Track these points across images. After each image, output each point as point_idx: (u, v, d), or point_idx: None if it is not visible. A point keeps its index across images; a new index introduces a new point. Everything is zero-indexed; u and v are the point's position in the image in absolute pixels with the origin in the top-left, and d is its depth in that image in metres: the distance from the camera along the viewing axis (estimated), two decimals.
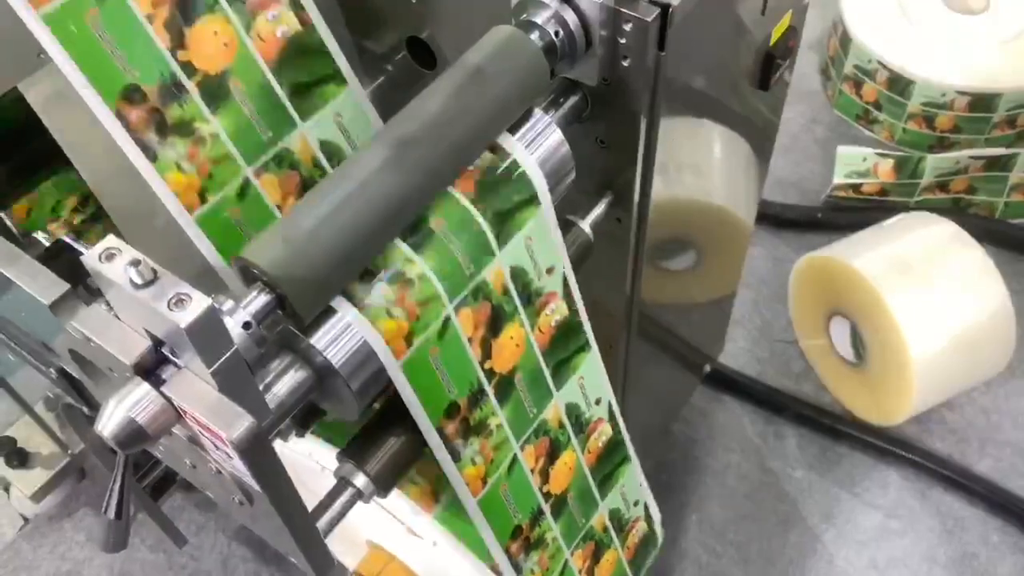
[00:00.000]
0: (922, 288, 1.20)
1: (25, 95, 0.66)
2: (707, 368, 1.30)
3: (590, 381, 0.67)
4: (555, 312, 0.61)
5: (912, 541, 1.23)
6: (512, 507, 0.63)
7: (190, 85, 0.54)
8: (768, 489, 1.29)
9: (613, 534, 0.77)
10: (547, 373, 0.62)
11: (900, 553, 1.22)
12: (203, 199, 0.55)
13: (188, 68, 0.53)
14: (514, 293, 0.57)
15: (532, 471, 0.64)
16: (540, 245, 0.57)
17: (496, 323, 0.56)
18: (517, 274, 0.57)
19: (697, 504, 1.28)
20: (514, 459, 0.62)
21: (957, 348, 1.20)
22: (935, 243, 1.26)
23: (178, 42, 0.53)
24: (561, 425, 0.65)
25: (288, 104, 0.58)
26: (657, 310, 0.87)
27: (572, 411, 0.66)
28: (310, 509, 0.52)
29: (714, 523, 1.26)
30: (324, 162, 0.60)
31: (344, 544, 0.78)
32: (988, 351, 1.24)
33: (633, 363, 0.86)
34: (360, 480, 0.56)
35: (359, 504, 0.56)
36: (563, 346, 0.63)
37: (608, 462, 0.73)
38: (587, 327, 0.65)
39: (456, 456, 0.57)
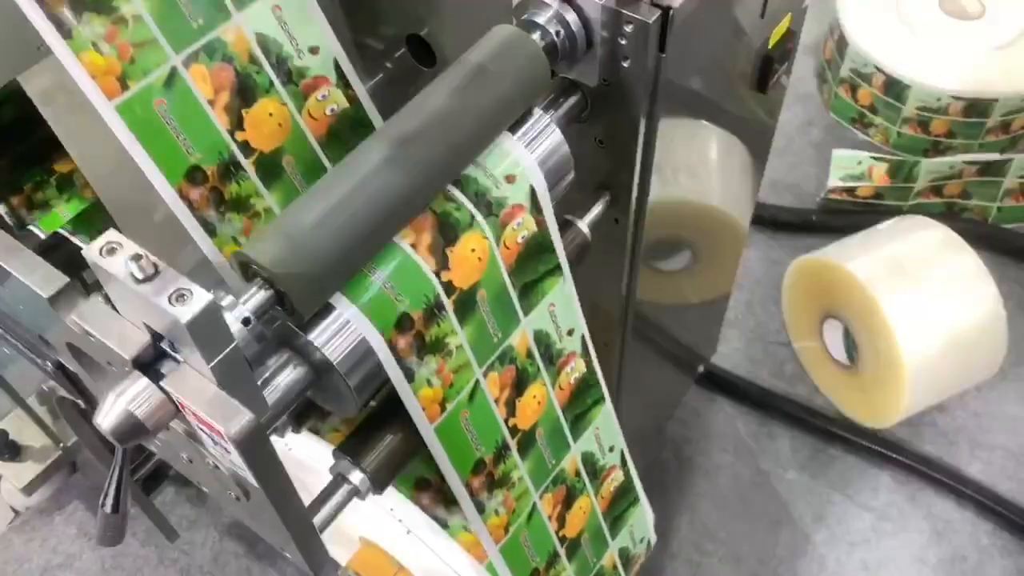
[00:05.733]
0: (915, 291, 1.21)
1: (24, 87, 0.66)
2: (701, 368, 1.31)
3: (605, 431, 0.70)
4: (574, 371, 0.64)
5: (903, 543, 1.23)
6: (531, 552, 0.66)
7: (247, 164, 0.56)
8: (760, 490, 1.29)
9: (621, 571, 0.80)
10: (566, 427, 0.65)
11: (891, 554, 1.23)
12: None
13: (245, 147, 0.56)
14: (537, 356, 0.60)
15: (550, 517, 0.67)
16: (562, 310, 0.60)
17: (520, 384, 0.59)
18: (540, 338, 0.59)
19: (689, 504, 1.28)
20: (533, 508, 0.65)
21: (949, 352, 1.21)
22: (929, 247, 1.27)
23: (236, 124, 0.55)
24: (577, 474, 0.68)
25: None
26: (652, 310, 0.87)
27: (588, 460, 0.69)
28: (306, 505, 0.52)
29: (706, 523, 1.26)
30: None
31: (337, 540, 0.78)
32: (980, 355, 1.25)
33: (628, 363, 0.86)
34: (356, 477, 0.56)
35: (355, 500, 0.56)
36: (581, 401, 0.66)
37: (619, 506, 0.76)
38: (602, 381, 0.67)
39: (481, 508, 0.60)
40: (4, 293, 0.49)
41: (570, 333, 0.62)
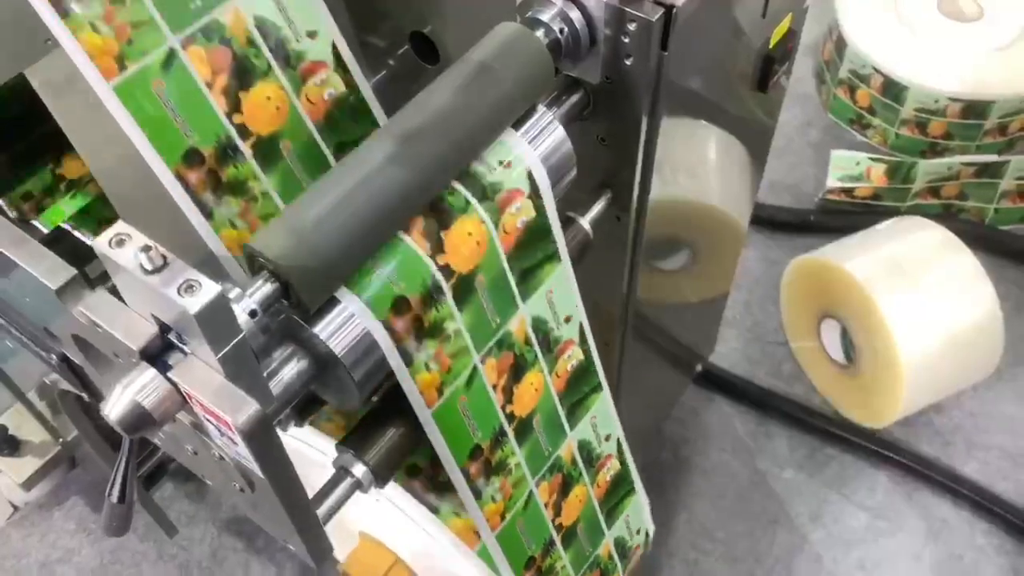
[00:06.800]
0: (913, 291, 1.21)
1: (31, 80, 0.67)
2: (699, 368, 1.31)
3: (602, 419, 0.70)
4: (571, 358, 0.64)
5: (899, 542, 1.24)
6: (527, 539, 0.67)
7: (244, 147, 0.56)
8: (757, 489, 1.30)
9: (617, 560, 0.81)
10: (562, 414, 0.66)
11: (887, 554, 1.23)
12: None
13: (243, 130, 0.56)
14: (535, 342, 0.60)
15: (546, 505, 0.67)
16: (559, 297, 0.61)
17: (518, 371, 0.59)
18: (538, 325, 0.60)
19: (687, 503, 1.28)
20: (530, 495, 0.65)
21: (946, 352, 1.21)
22: (926, 247, 1.27)
23: (234, 106, 0.55)
24: (574, 462, 0.69)
25: (334, 162, 0.60)
26: (652, 309, 0.87)
27: (584, 448, 0.70)
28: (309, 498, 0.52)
29: (703, 522, 1.27)
30: None
31: (337, 535, 0.78)
32: (977, 355, 1.26)
33: (627, 361, 0.87)
34: (359, 470, 0.56)
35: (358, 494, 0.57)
36: (578, 389, 0.66)
37: (614, 495, 0.76)
38: (599, 369, 0.68)
39: (478, 494, 0.60)
40: (9, 285, 0.49)
41: (568, 320, 0.62)
